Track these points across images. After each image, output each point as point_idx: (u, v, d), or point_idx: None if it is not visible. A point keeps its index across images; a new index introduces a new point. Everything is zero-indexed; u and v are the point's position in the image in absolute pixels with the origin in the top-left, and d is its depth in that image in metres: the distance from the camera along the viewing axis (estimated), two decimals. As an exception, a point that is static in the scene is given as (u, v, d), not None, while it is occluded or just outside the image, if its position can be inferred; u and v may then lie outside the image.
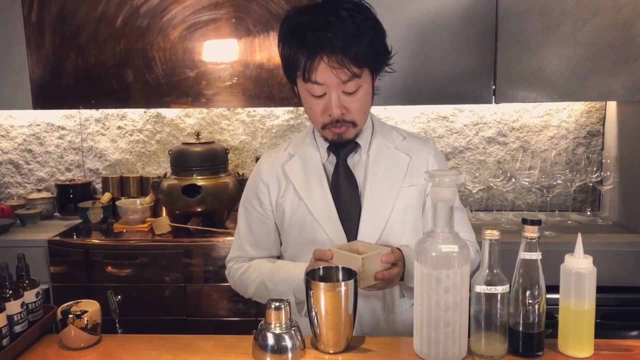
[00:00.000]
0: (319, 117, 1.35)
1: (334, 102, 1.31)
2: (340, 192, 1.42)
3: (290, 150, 1.51)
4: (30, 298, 1.25)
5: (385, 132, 1.49)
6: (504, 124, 2.70)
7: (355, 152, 1.44)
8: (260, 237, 1.52)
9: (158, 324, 2.34)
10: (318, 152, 1.46)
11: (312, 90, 1.32)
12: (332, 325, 1.15)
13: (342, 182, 1.42)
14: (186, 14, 2.44)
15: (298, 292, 1.36)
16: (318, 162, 1.45)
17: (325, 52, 1.26)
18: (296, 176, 1.45)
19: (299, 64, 1.30)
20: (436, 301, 1.08)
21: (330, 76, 1.28)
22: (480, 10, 2.24)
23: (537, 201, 2.64)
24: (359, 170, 1.44)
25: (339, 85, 1.30)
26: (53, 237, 2.40)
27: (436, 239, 1.09)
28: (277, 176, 1.48)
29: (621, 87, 2.20)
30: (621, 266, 2.15)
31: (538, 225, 1.10)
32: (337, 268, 1.22)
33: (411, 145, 1.48)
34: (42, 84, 2.53)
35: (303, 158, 1.47)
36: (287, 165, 1.47)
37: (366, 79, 1.34)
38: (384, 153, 1.45)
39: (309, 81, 1.30)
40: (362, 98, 1.34)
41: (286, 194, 1.46)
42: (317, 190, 1.43)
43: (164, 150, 2.82)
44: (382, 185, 1.42)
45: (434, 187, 1.09)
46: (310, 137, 1.48)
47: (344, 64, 1.27)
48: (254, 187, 1.51)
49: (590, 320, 1.12)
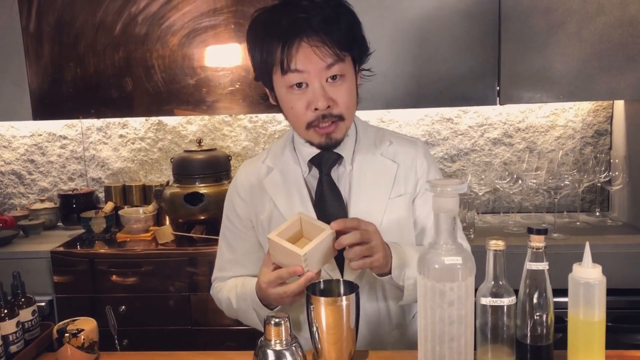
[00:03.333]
0: (302, 114, 1.24)
1: (318, 92, 1.20)
2: (325, 208, 1.32)
3: (268, 162, 1.41)
4: (27, 317, 1.23)
5: (370, 137, 1.39)
6: (510, 125, 2.66)
7: (339, 164, 1.35)
8: (241, 255, 1.44)
9: (163, 333, 2.32)
10: (299, 166, 1.36)
11: (293, 81, 1.21)
12: (334, 341, 1.13)
13: (326, 198, 1.33)
14: (185, 21, 2.42)
15: (258, 306, 1.28)
16: (299, 177, 1.36)
17: (305, 33, 1.17)
18: (276, 192, 1.36)
19: (275, 57, 1.20)
20: (440, 315, 1.05)
21: (312, 59, 1.18)
22: (482, 10, 2.21)
23: (544, 202, 2.60)
24: (343, 183, 1.35)
25: (322, 71, 1.20)
26: (56, 247, 2.39)
27: (439, 251, 1.05)
28: (256, 192, 1.39)
29: (628, 85, 2.16)
30: (632, 268, 2.11)
31: (544, 235, 1.07)
32: (337, 281, 1.19)
33: (398, 150, 1.38)
34: (41, 95, 2.52)
35: (283, 172, 1.37)
36: (266, 180, 1.38)
37: (349, 68, 1.24)
38: (369, 162, 1.36)
39: (287, 71, 1.20)
40: (349, 88, 1.24)
41: (267, 211, 1.37)
42: (299, 207, 1.33)
43: (167, 158, 2.81)
44: (368, 197, 1.33)
45: (435, 197, 1.05)
46: (290, 148, 1.38)
47: (326, 42, 1.17)
48: (231, 203, 1.43)
49: (600, 331, 1.08)
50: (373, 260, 1.17)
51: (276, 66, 1.21)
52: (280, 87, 1.25)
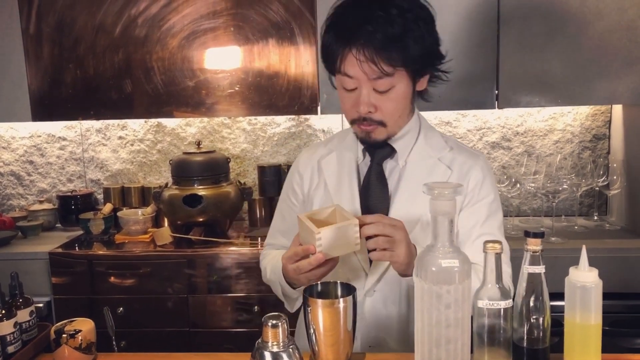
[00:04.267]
0: (348, 111, 1.32)
1: (362, 98, 1.26)
2: (370, 196, 1.37)
3: (330, 145, 1.49)
4: (24, 317, 1.23)
5: (431, 139, 1.41)
6: (508, 129, 2.66)
7: (391, 157, 1.39)
8: (290, 225, 1.48)
9: (161, 335, 2.32)
10: (356, 151, 1.43)
11: (344, 83, 1.28)
12: (331, 343, 1.13)
13: (372, 187, 1.37)
14: (185, 23, 2.42)
15: (282, 282, 1.34)
16: (353, 162, 1.42)
17: (357, 44, 1.21)
18: (330, 173, 1.44)
19: (335, 55, 1.26)
20: (437, 318, 1.05)
21: (358, 70, 1.23)
22: (481, 14, 2.21)
23: (542, 206, 2.60)
24: (393, 176, 1.39)
25: (369, 81, 1.25)
26: (55, 249, 2.39)
27: (436, 254, 1.06)
28: (312, 169, 1.48)
29: (626, 90, 2.16)
30: (629, 272, 2.11)
31: (541, 238, 1.07)
32: (335, 283, 1.20)
33: (456, 158, 1.39)
34: (41, 96, 2.52)
35: (340, 155, 1.45)
36: (324, 160, 1.46)
37: (402, 79, 1.27)
38: (424, 162, 1.38)
39: (339, 72, 1.27)
40: (396, 99, 1.28)
41: (318, 188, 1.45)
42: (347, 190, 1.39)
43: (165, 159, 2.81)
44: (413, 195, 1.35)
45: (433, 200, 1.06)
46: (352, 135, 1.43)
47: (373, 59, 1.21)
48: (290, 177, 1.53)
49: (597, 335, 1.08)
50: (393, 254, 1.19)
51: (335, 63, 1.27)
52: (337, 82, 1.33)
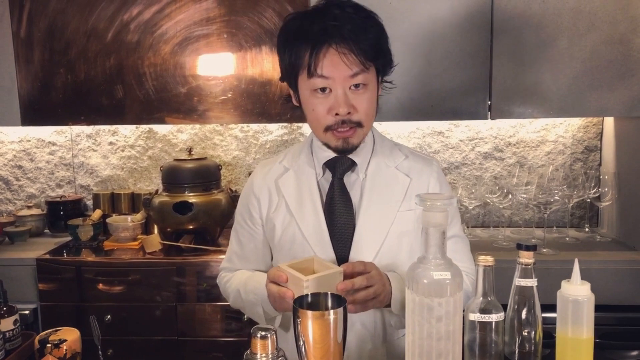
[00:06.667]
0: (323, 118, 1.28)
1: (340, 98, 1.25)
2: (334, 212, 1.36)
3: (285, 163, 1.45)
4: (8, 326, 1.21)
5: (386, 149, 1.43)
6: (500, 139, 2.66)
7: (352, 171, 1.38)
8: (248, 251, 1.49)
9: (148, 344, 2.29)
10: (314, 168, 1.40)
11: (317, 85, 1.26)
12: (321, 355, 1.11)
13: (336, 202, 1.36)
14: (177, 29, 2.41)
15: (265, 303, 1.32)
16: (313, 179, 1.40)
17: (334, 39, 1.22)
18: (289, 192, 1.40)
19: (303, 60, 1.25)
20: (428, 331, 1.04)
21: (339, 66, 1.23)
22: (475, 25, 2.22)
23: (534, 217, 2.60)
24: (355, 190, 1.38)
25: (346, 79, 1.24)
26: (42, 255, 2.36)
27: (428, 266, 1.05)
28: (270, 190, 1.43)
29: (618, 102, 2.17)
30: (620, 284, 2.11)
31: (533, 251, 1.06)
32: (325, 294, 1.18)
33: (413, 166, 1.41)
34: (31, 100, 2.50)
35: (298, 173, 1.42)
36: (281, 180, 1.42)
37: (373, 78, 1.29)
38: (383, 173, 1.39)
39: (313, 75, 1.24)
40: (370, 98, 1.29)
41: (278, 209, 1.41)
42: (310, 208, 1.37)
43: (156, 166, 2.79)
44: (378, 207, 1.36)
45: (425, 212, 1.05)
46: (307, 151, 1.42)
47: (353, 51, 1.22)
48: (246, 200, 1.48)
49: (588, 349, 1.07)
50: (375, 303, 1.24)
51: (303, 69, 1.26)
52: (305, 90, 1.29)
